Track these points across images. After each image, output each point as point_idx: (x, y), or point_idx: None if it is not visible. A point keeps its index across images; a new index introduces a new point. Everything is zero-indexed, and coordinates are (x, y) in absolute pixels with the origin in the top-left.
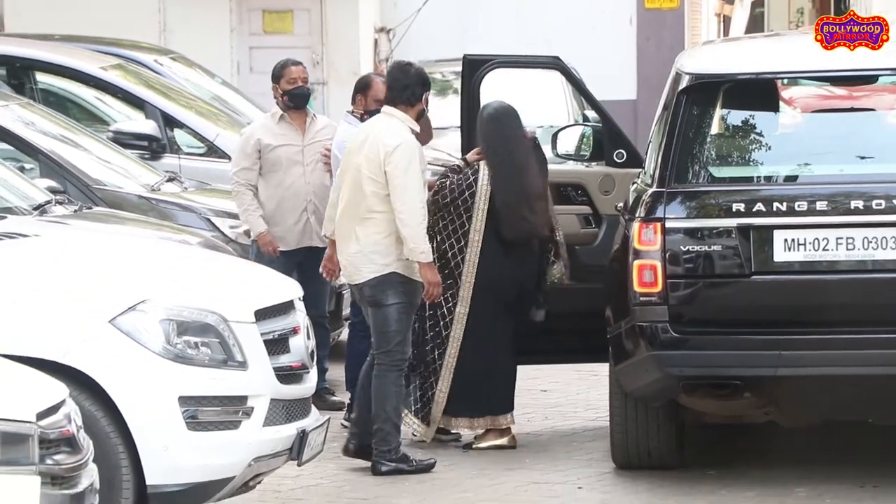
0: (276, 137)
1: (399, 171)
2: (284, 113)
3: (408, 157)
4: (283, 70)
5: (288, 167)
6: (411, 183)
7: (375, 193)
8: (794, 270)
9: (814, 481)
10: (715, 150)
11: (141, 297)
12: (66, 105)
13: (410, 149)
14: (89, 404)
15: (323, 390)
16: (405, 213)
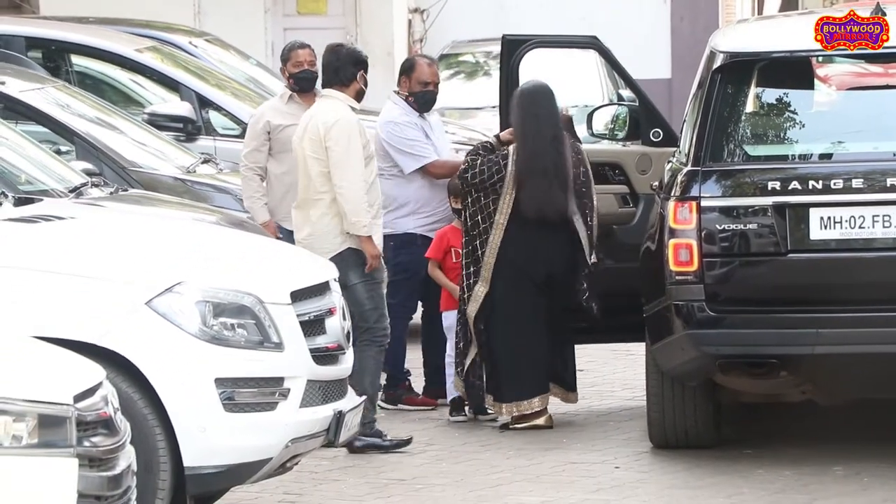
0: (286, 117)
1: (339, 147)
2: (293, 93)
3: (347, 133)
4: (290, 53)
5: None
6: (351, 158)
7: (321, 173)
8: (831, 248)
9: (851, 460)
10: (750, 129)
11: (177, 278)
12: (101, 87)
13: (349, 125)
14: (126, 386)
15: None
16: (345, 187)
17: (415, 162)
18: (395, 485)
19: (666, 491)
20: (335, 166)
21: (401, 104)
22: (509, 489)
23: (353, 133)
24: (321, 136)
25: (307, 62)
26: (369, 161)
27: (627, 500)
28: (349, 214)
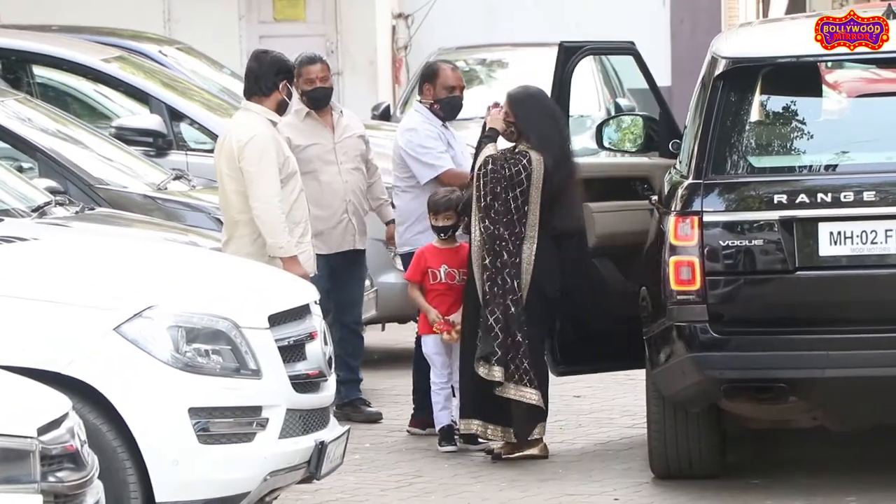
0: (306, 136)
1: (252, 166)
2: (311, 110)
3: (260, 151)
4: (302, 69)
5: (322, 167)
6: (265, 177)
7: (237, 192)
8: (841, 265)
9: (865, 490)
10: (754, 139)
11: (147, 303)
12: (65, 100)
13: (263, 142)
14: (94, 417)
15: (358, 401)
16: (260, 209)
17: (430, 171)
18: None
19: None
20: (249, 186)
21: (424, 112)
22: None
23: (268, 150)
24: (235, 154)
25: (319, 78)
26: (290, 178)
27: None
28: (266, 236)
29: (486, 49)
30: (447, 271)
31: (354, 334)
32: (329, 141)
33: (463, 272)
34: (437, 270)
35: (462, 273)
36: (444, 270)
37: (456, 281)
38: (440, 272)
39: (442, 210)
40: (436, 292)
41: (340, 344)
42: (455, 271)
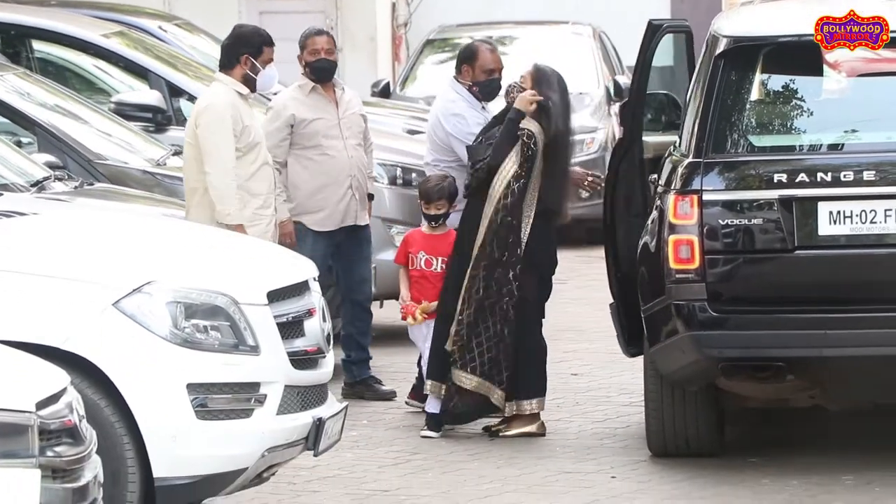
0: (310, 110)
1: (206, 132)
2: (316, 84)
3: (217, 118)
4: (307, 40)
5: (327, 142)
6: (220, 144)
7: (194, 158)
8: (840, 245)
9: (862, 468)
10: (755, 118)
11: (146, 278)
12: (65, 75)
13: (219, 109)
14: (92, 392)
15: (370, 379)
16: (213, 174)
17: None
18: (378, 496)
19: (666, 502)
20: (204, 153)
21: (464, 94)
22: (499, 500)
23: (224, 118)
24: (193, 119)
25: (324, 50)
26: (252, 149)
27: None
28: (216, 202)
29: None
30: (425, 258)
31: (365, 312)
32: (334, 116)
33: (443, 260)
34: (416, 256)
35: (443, 261)
36: (421, 257)
37: (433, 268)
38: (418, 258)
39: (435, 198)
40: (414, 279)
41: (352, 323)
42: (434, 259)
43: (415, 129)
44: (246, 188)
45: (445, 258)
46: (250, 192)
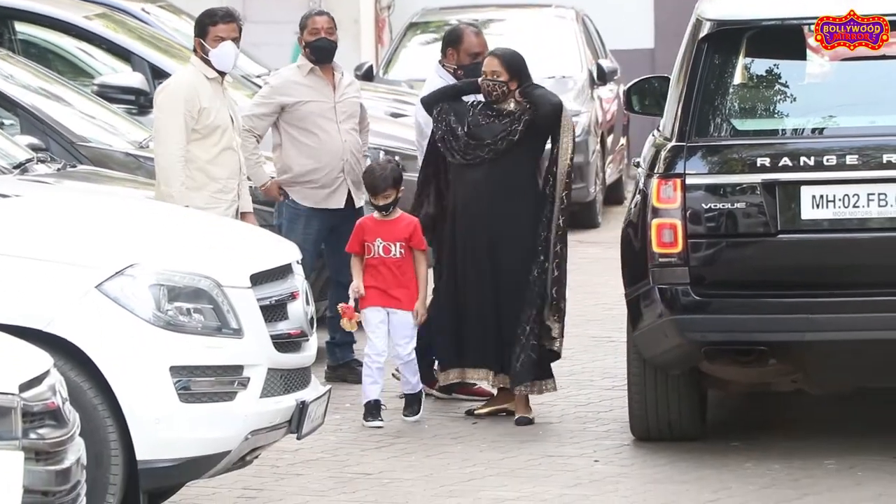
0: (306, 92)
1: (160, 112)
2: (315, 66)
3: (170, 98)
4: (307, 20)
5: (321, 125)
6: (169, 122)
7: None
8: (823, 229)
9: (844, 453)
10: (738, 102)
11: (129, 260)
12: (47, 57)
13: (175, 89)
14: (75, 375)
15: (353, 362)
16: (158, 153)
17: None
18: (361, 479)
19: (648, 486)
20: (155, 131)
21: (448, 79)
22: (483, 483)
23: (176, 97)
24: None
25: (324, 29)
26: (212, 132)
27: (607, 495)
28: (160, 182)
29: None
30: (383, 245)
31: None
32: (330, 99)
33: (402, 245)
34: (372, 244)
35: (401, 246)
36: (378, 244)
37: (392, 254)
38: (375, 245)
39: (382, 189)
40: (371, 267)
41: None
42: (391, 244)
43: (398, 112)
44: (204, 171)
45: (403, 243)
46: (209, 175)
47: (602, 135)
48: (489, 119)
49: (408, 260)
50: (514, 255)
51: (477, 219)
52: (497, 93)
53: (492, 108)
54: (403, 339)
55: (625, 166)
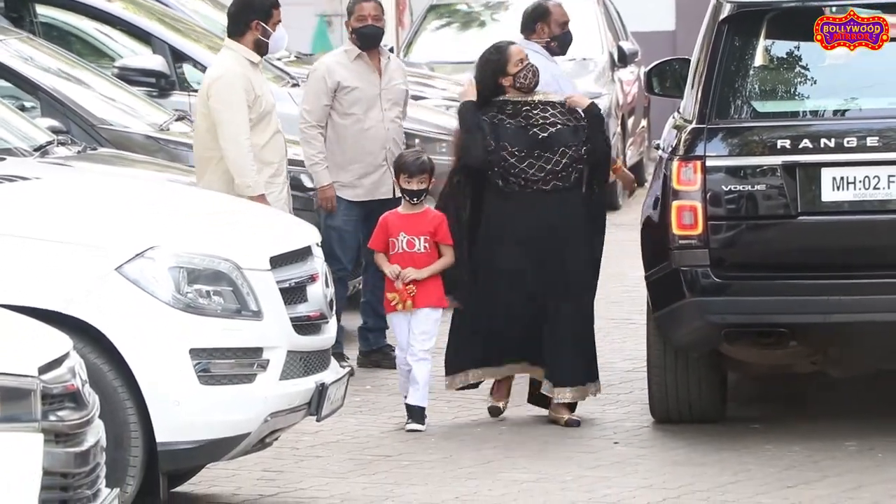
0: (354, 77)
1: (220, 104)
2: (362, 51)
3: (229, 89)
4: (355, 6)
5: (366, 111)
6: (235, 116)
7: (207, 129)
8: (844, 211)
9: (864, 434)
10: (758, 84)
11: (149, 243)
12: (68, 39)
13: (231, 80)
14: (95, 357)
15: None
16: (228, 147)
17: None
18: (381, 461)
19: (668, 468)
20: (217, 124)
21: (541, 51)
22: (501, 465)
23: (236, 88)
24: (205, 90)
25: (371, 16)
26: (263, 118)
27: (627, 477)
28: (235, 176)
29: None
30: (406, 239)
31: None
32: (376, 86)
33: (426, 239)
34: (396, 239)
35: (426, 241)
36: (402, 238)
37: (416, 249)
38: (399, 241)
39: (417, 173)
40: (397, 263)
41: (373, 291)
42: (416, 238)
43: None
44: (260, 157)
45: (428, 237)
46: (263, 160)
47: (623, 117)
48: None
49: (432, 255)
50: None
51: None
52: (537, 77)
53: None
54: (423, 335)
55: (645, 149)
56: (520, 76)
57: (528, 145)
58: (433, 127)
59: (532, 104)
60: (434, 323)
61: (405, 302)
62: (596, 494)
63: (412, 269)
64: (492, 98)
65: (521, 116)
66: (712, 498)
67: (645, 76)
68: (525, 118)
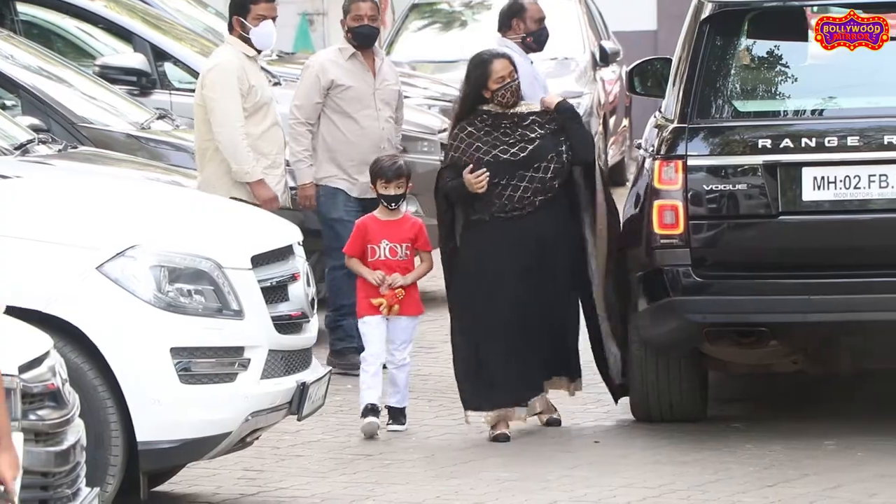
0: (348, 76)
1: (213, 94)
2: (357, 51)
3: (223, 79)
4: (351, 5)
5: (360, 110)
6: (227, 105)
7: (204, 120)
8: (824, 210)
9: (844, 434)
10: (739, 83)
11: (130, 242)
12: (49, 37)
13: (224, 69)
14: (75, 356)
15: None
16: (222, 135)
17: None
18: (362, 460)
19: (649, 467)
20: (210, 114)
21: (516, 49)
22: (483, 465)
23: (229, 77)
24: (200, 81)
25: (368, 16)
26: (259, 108)
27: (608, 476)
28: (231, 163)
29: None
30: (389, 246)
31: None
32: (370, 85)
33: (407, 247)
34: (377, 246)
35: (406, 248)
36: (385, 246)
37: (398, 256)
38: (381, 248)
39: (394, 177)
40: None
41: None
42: (398, 246)
43: None
44: (255, 147)
45: (409, 244)
46: (259, 151)
47: (604, 116)
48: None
49: (412, 262)
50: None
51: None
52: (516, 97)
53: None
54: (404, 344)
55: (627, 148)
56: (498, 94)
57: (508, 171)
58: (415, 126)
59: (512, 116)
60: (414, 330)
61: (392, 307)
62: (577, 493)
63: (398, 275)
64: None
65: (499, 131)
66: (693, 497)
67: (626, 75)
68: (504, 134)
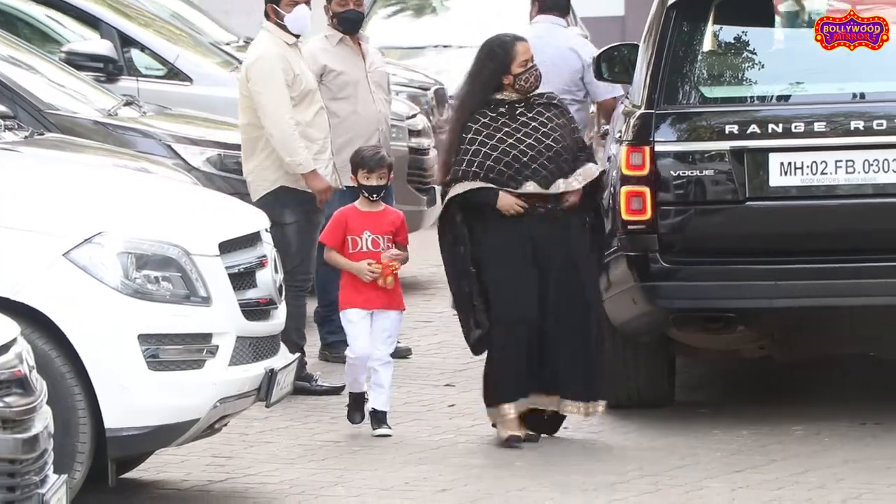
0: (340, 62)
1: (259, 87)
2: (344, 36)
3: (267, 71)
4: None
5: (355, 94)
6: (274, 96)
7: (249, 110)
8: (791, 196)
9: (812, 419)
10: (706, 69)
11: (97, 228)
12: (14, 24)
13: (268, 61)
14: (42, 343)
15: None
16: (271, 127)
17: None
18: (330, 447)
19: (617, 452)
20: (258, 107)
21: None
22: (452, 451)
23: (274, 70)
24: (244, 73)
25: (353, 1)
26: (305, 96)
27: (576, 461)
28: (283, 156)
29: None
30: (372, 238)
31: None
32: (361, 69)
33: (389, 239)
34: (359, 237)
35: (388, 240)
36: (367, 237)
37: (381, 248)
38: (362, 239)
39: (376, 168)
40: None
41: None
42: (380, 238)
43: None
44: (305, 135)
45: (391, 236)
46: (309, 138)
47: None
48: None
49: None
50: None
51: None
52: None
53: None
54: (390, 339)
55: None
56: (521, 78)
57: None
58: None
59: (528, 103)
60: (399, 324)
61: (387, 277)
62: (545, 479)
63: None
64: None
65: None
66: (660, 482)
67: (594, 61)
68: (522, 124)
